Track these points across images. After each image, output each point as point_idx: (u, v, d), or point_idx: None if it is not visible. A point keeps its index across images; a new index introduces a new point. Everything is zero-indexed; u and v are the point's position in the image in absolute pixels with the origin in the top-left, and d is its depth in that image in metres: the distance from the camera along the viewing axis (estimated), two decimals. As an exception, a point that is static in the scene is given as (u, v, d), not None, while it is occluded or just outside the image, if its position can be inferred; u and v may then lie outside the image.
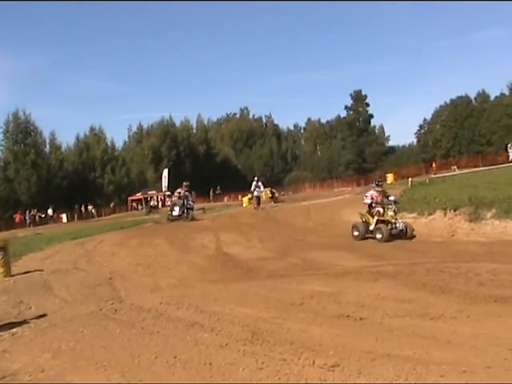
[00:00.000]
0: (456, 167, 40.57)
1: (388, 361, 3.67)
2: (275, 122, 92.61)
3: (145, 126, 71.65)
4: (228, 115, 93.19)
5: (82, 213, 46.54)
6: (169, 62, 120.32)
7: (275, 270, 8.23)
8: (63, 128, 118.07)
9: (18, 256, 11.43)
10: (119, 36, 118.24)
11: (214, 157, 75.71)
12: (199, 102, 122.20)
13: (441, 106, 71.60)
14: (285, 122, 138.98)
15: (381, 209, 11.37)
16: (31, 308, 6.83)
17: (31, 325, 5.86)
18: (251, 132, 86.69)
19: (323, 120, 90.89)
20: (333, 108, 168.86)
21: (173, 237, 13.44)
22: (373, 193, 11.78)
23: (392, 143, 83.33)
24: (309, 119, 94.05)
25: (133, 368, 4.07)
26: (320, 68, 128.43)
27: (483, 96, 68.85)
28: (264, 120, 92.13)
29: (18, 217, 41.14)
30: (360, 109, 79.11)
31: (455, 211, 11.44)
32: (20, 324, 5.90)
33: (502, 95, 65.31)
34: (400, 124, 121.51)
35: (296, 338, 4.37)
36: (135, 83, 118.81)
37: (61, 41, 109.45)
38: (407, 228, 10.98)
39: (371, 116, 79.78)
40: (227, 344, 4.39)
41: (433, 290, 5.67)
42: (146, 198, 50.15)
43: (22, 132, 51.60)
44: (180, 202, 18.71)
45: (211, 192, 53.04)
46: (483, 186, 13.46)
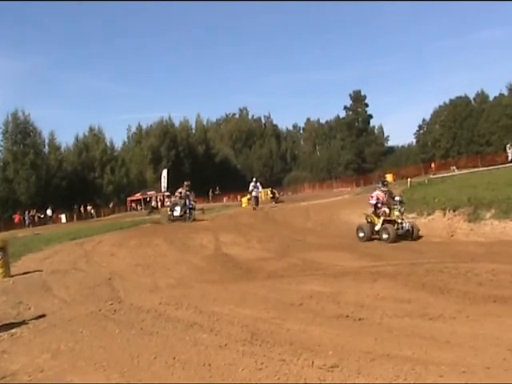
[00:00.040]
0: (455, 167, 40.69)
1: (387, 361, 3.68)
2: (274, 123, 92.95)
3: (144, 127, 71.83)
4: (227, 115, 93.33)
5: (81, 213, 46.52)
6: (168, 62, 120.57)
7: (274, 271, 8.23)
8: (62, 128, 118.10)
9: (17, 256, 11.42)
10: (119, 36, 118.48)
11: (214, 157, 75.76)
12: (198, 103, 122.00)
13: (440, 107, 71.85)
14: (284, 123, 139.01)
15: (387, 209, 11.14)
16: (30, 308, 6.82)
17: (30, 325, 5.86)
18: (250, 132, 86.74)
19: (322, 120, 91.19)
20: (332, 108, 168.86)
21: (172, 237, 13.43)
22: (378, 193, 11.52)
23: (391, 143, 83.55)
24: (308, 119, 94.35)
25: (132, 368, 4.07)
26: (319, 68, 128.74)
27: (482, 96, 69.01)
28: (263, 120, 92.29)
29: (17, 217, 41.11)
30: (359, 109, 79.21)
31: (454, 211, 11.44)
32: (19, 324, 5.89)
33: (501, 95, 65.44)
34: (399, 124, 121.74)
35: (295, 339, 4.38)
36: (134, 83, 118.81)
37: (60, 41, 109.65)
38: (413, 228, 10.78)
39: (370, 116, 80.00)
40: (226, 344, 4.40)
41: (432, 291, 5.67)
42: (146, 199, 50.19)
43: (22, 132, 51.59)
44: (181, 202, 18.52)
45: (210, 192, 53.06)
46: (482, 187, 13.46)
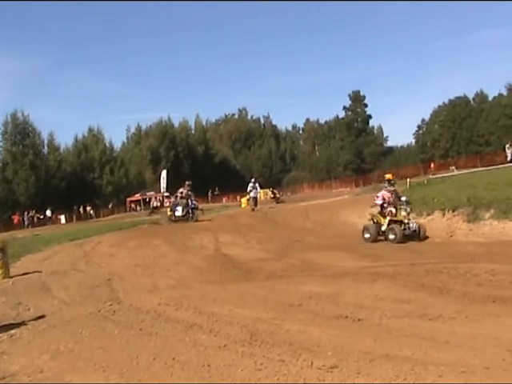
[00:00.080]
0: (454, 167, 40.68)
1: (387, 361, 3.68)
2: (273, 123, 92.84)
3: (143, 127, 71.86)
4: (226, 116, 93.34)
5: (81, 214, 46.51)
6: (167, 63, 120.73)
7: (274, 271, 8.22)
8: (61, 129, 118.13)
9: (17, 257, 11.41)
10: (118, 37, 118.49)
11: (213, 157, 75.77)
12: (198, 103, 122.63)
13: (439, 107, 71.97)
14: (283, 123, 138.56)
15: (393, 209, 10.96)
16: (30, 309, 6.82)
17: (30, 326, 5.85)
18: (250, 133, 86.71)
19: (322, 121, 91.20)
20: (331, 109, 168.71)
21: (171, 238, 13.41)
22: (384, 193, 11.35)
23: (390, 143, 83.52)
24: (307, 120, 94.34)
25: (131, 369, 4.07)
26: (319, 69, 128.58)
27: (481, 96, 69.13)
28: (262, 120, 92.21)
29: (17, 218, 41.07)
30: (358, 109, 79.26)
31: (454, 212, 11.45)
32: (18, 325, 5.89)
33: (500, 95, 65.60)
34: (399, 124, 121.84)
35: (294, 339, 4.37)
36: (134, 84, 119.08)
37: (60, 41, 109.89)
38: (420, 228, 10.65)
39: (370, 116, 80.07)
40: (226, 345, 4.39)
41: (431, 291, 5.67)
42: (145, 199, 50.19)
43: (21, 133, 51.55)
44: (183, 202, 18.36)
45: (210, 193, 53.06)
46: (482, 187, 13.46)
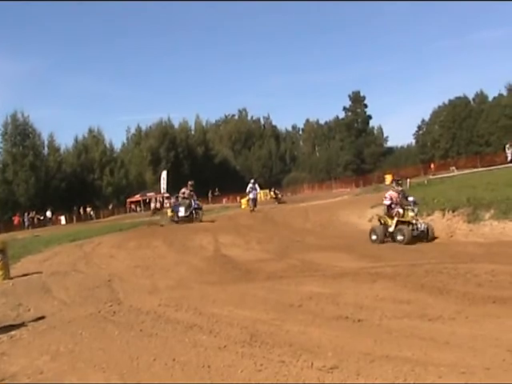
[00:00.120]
0: (454, 168, 40.70)
1: (387, 362, 3.67)
2: (273, 124, 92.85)
3: (143, 128, 71.85)
4: (226, 116, 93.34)
5: (81, 215, 46.52)
6: (167, 63, 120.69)
7: (274, 272, 8.22)
8: (62, 130, 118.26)
9: (17, 258, 11.42)
10: (118, 37, 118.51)
11: (213, 158, 75.77)
12: (197, 104, 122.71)
13: (439, 107, 71.99)
14: (283, 123, 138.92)
15: (400, 209, 10.78)
16: (30, 310, 6.82)
17: (30, 327, 5.86)
18: (250, 133, 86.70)
19: (321, 121, 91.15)
20: (331, 109, 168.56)
21: (171, 238, 13.40)
22: (392, 193, 11.20)
23: (390, 144, 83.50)
24: (307, 120, 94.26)
25: (131, 370, 4.07)
26: (319, 69, 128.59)
27: (481, 97, 69.14)
28: (262, 121, 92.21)
29: (17, 219, 41.10)
30: (358, 110, 79.28)
31: (454, 212, 11.45)
32: (18, 326, 5.89)
33: (500, 96, 65.61)
34: (399, 125, 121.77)
35: (295, 340, 4.37)
36: (133, 84, 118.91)
37: (59, 42, 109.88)
38: (429, 229, 10.55)
39: (369, 117, 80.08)
40: (226, 346, 4.39)
41: (431, 291, 5.66)
42: (145, 200, 50.20)
43: (21, 134, 51.63)
44: (186, 203, 18.17)
45: (210, 193, 53.04)
46: (482, 187, 13.46)
